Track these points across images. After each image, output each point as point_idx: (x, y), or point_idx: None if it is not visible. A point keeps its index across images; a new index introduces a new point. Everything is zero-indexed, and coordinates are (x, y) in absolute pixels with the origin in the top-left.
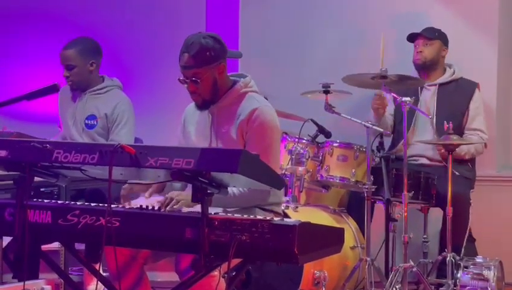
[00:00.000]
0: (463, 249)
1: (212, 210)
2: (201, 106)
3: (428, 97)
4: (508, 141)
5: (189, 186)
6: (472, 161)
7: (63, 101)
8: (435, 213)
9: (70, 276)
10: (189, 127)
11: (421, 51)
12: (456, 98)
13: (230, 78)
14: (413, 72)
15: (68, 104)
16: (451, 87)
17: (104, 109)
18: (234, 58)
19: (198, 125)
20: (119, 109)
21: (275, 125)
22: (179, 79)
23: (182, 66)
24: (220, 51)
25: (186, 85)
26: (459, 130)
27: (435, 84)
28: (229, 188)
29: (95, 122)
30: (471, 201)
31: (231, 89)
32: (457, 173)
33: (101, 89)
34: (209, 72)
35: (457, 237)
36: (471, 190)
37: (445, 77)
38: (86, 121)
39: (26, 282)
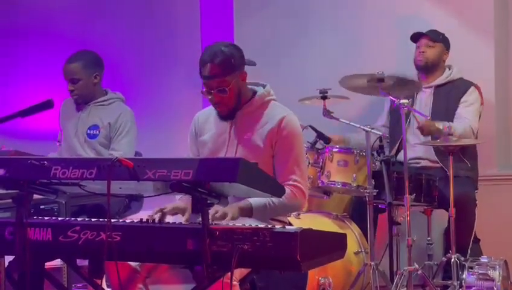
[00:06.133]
0: (469, 250)
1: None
2: (226, 116)
3: (424, 99)
4: (508, 140)
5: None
6: (471, 160)
7: (65, 113)
8: (439, 215)
9: None
10: (203, 135)
11: (423, 52)
12: (451, 98)
13: (248, 86)
14: (412, 74)
15: (71, 115)
16: (447, 88)
17: (107, 118)
18: (249, 65)
19: (214, 133)
20: (122, 119)
21: (301, 132)
22: (202, 91)
23: (206, 76)
24: (241, 59)
25: (210, 97)
26: None
27: (431, 86)
28: (267, 199)
29: (98, 132)
30: (476, 201)
31: (254, 97)
32: (456, 174)
33: (104, 101)
34: (234, 80)
35: (463, 238)
36: (476, 191)
37: (441, 79)
38: (88, 131)
39: None
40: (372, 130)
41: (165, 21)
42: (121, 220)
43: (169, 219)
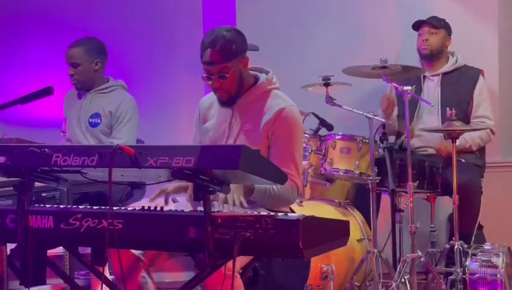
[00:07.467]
0: (473, 237)
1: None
2: (227, 102)
3: (432, 87)
4: None
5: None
6: (480, 149)
7: (68, 103)
8: (443, 202)
9: (77, 280)
10: (206, 122)
11: (426, 39)
12: (461, 86)
13: (251, 72)
14: (416, 62)
15: (73, 104)
16: (454, 76)
17: (108, 107)
18: (252, 50)
19: (216, 120)
20: (123, 107)
21: (300, 125)
22: (202, 76)
23: (206, 62)
24: (243, 44)
25: (210, 82)
26: (466, 119)
27: (438, 74)
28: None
29: (99, 121)
30: (482, 189)
31: (255, 85)
32: (463, 160)
33: (105, 88)
34: (235, 66)
35: (468, 225)
36: (481, 178)
37: (447, 66)
38: (90, 120)
39: (32, 288)
40: (375, 117)
41: (166, 7)
42: (123, 208)
43: (171, 206)
